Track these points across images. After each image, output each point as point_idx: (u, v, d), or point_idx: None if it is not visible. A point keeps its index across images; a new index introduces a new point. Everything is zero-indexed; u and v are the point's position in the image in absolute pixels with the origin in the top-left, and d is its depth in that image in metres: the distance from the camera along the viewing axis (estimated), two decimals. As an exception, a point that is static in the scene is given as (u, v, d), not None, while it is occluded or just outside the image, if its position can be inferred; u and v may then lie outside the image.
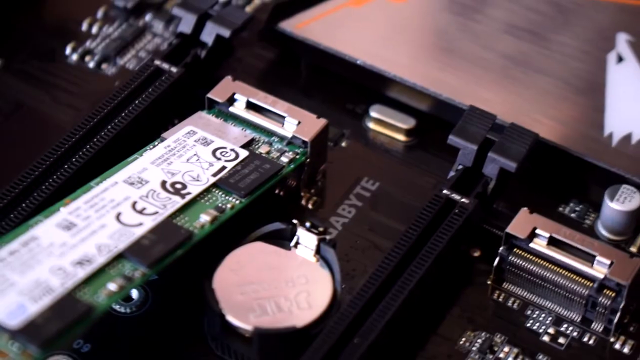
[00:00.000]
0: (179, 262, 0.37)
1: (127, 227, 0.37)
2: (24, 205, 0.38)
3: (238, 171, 0.40)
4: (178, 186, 0.39)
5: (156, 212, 0.38)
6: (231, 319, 0.36)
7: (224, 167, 0.40)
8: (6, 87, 0.45)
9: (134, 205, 0.38)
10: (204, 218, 0.38)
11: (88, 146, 0.40)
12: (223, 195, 0.39)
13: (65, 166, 0.39)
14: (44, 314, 0.34)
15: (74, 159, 0.39)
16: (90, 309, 0.35)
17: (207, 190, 0.39)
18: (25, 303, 0.35)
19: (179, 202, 0.39)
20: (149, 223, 0.38)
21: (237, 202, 0.39)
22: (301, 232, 0.39)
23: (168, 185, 0.39)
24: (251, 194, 0.39)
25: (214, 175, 0.40)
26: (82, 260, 0.36)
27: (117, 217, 0.38)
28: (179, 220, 0.38)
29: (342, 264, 0.39)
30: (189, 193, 0.39)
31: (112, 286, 0.36)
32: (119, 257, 0.37)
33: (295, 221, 0.39)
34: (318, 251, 0.38)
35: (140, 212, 0.38)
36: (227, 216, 0.39)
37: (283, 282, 0.37)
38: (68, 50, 0.46)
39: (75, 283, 0.35)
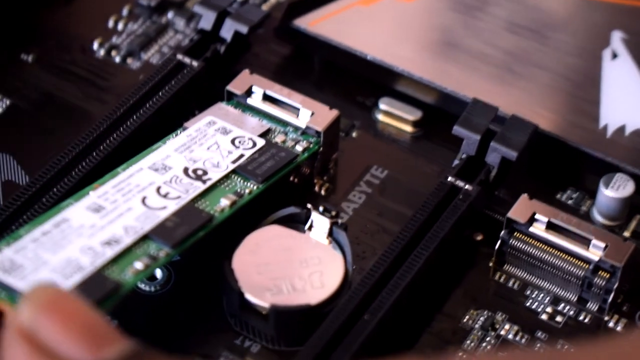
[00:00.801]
0: (200, 243, 0.37)
1: (152, 210, 0.37)
2: (55, 190, 0.38)
3: (255, 159, 0.40)
4: (199, 172, 0.39)
5: (179, 197, 0.38)
6: (249, 297, 0.36)
7: (242, 155, 0.40)
8: (38, 79, 0.45)
9: (158, 189, 0.38)
10: (224, 202, 0.38)
11: (115, 135, 0.40)
12: (241, 181, 0.39)
13: (94, 153, 0.39)
14: (74, 290, 0.34)
15: (101, 147, 0.39)
16: (118, 286, 0.35)
17: (227, 176, 0.39)
18: (57, 280, 0.35)
19: (200, 187, 0.39)
20: (173, 207, 0.38)
21: (255, 187, 0.39)
22: (315, 216, 0.39)
23: (190, 172, 0.39)
24: (267, 180, 0.39)
25: (233, 162, 0.40)
26: (110, 240, 0.36)
27: (143, 200, 0.38)
28: (200, 204, 0.38)
29: (353, 246, 0.39)
30: (209, 179, 0.39)
31: (138, 265, 0.36)
32: (145, 238, 0.37)
33: (309, 206, 0.39)
34: (330, 234, 0.38)
35: (164, 196, 0.38)
36: (245, 201, 0.39)
37: (297, 262, 0.37)
38: (95, 46, 0.46)
39: (104, 262, 0.35)
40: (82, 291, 0.35)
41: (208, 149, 0.39)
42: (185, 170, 0.39)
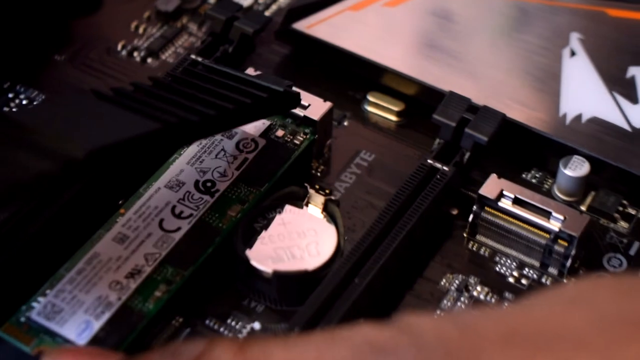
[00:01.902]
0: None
1: (168, 234, 0.37)
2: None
3: (257, 161, 0.39)
4: (208, 184, 0.38)
5: (191, 215, 0.37)
6: (255, 263, 0.36)
7: (246, 159, 0.39)
8: (71, 77, 0.45)
9: (173, 210, 0.38)
10: (230, 213, 0.38)
11: None
12: (245, 187, 0.39)
13: None
14: (105, 327, 0.34)
15: None
16: (142, 316, 0.35)
17: (232, 184, 0.39)
18: (91, 321, 0.34)
19: (209, 200, 0.38)
20: (186, 227, 0.37)
21: (256, 192, 0.38)
22: (311, 194, 0.39)
23: (200, 185, 0.38)
24: (268, 182, 0.39)
25: (237, 168, 0.39)
26: (133, 271, 0.36)
27: (160, 224, 0.37)
28: (209, 218, 0.38)
29: (345, 219, 0.39)
30: (217, 190, 0.38)
31: (158, 293, 0.35)
32: (162, 262, 0.36)
33: (306, 185, 0.39)
34: (325, 209, 0.38)
35: (178, 216, 0.37)
36: (249, 206, 0.38)
37: (296, 234, 0.37)
38: (119, 47, 0.46)
39: (129, 295, 0.35)
40: (112, 328, 0.34)
41: (216, 157, 0.39)
42: (197, 185, 0.38)
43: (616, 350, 0.24)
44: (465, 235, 0.40)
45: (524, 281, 0.38)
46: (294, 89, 0.41)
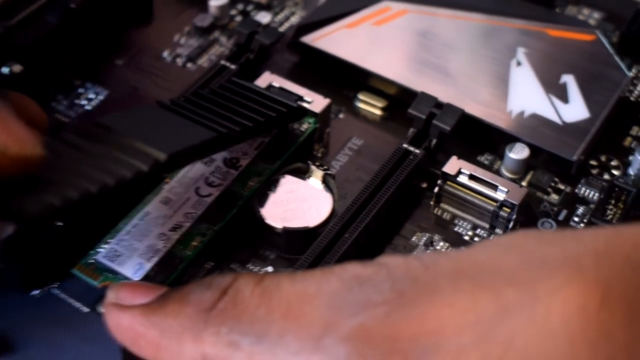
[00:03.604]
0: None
1: (202, 198, 0.37)
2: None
3: (271, 143, 0.39)
4: (234, 161, 0.38)
5: (220, 184, 0.37)
6: (268, 221, 0.37)
7: (263, 142, 0.39)
8: (126, 77, 0.45)
9: (206, 180, 0.38)
10: (250, 183, 0.38)
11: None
12: (262, 163, 0.39)
13: None
14: (154, 268, 0.35)
15: None
16: (181, 260, 0.35)
17: (252, 161, 0.39)
18: (143, 263, 0.35)
19: (234, 173, 0.38)
20: (216, 193, 0.37)
21: (270, 167, 0.38)
22: (313, 169, 0.39)
23: (227, 161, 0.38)
24: (279, 160, 0.39)
25: (256, 149, 0.39)
26: (176, 226, 0.36)
27: (196, 190, 0.37)
28: (234, 187, 0.38)
29: (339, 189, 0.39)
30: (240, 165, 0.38)
31: (194, 242, 0.36)
32: (198, 219, 0.36)
33: (309, 162, 0.39)
34: (323, 181, 0.39)
35: (210, 184, 0.37)
36: (264, 177, 0.38)
37: (300, 199, 0.38)
38: (165, 54, 0.46)
39: (172, 244, 0.35)
40: (159, 268, 0.35)
41: None
42: (224, 161, 0.38)
43: (539, 284, 0.24)
44: (431, 203, 0.40)
45: (476, 239, 0.39)
46: (302, 88, 0.41)
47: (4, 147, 0.27)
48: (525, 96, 0.42)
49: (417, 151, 0.40)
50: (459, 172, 0.39)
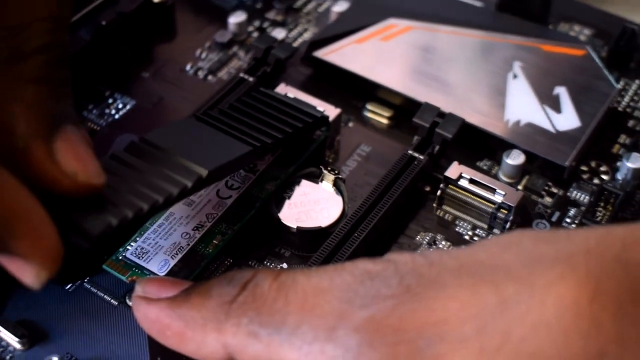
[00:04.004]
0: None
1: (223, 200, 0.37)
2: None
3: (287, 150, 0.39)
4: (252, 165, 0.39)
5: (239, 187, 0.38)
6: (284, 221, 0.37)
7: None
8: (152, 88, 0.45)
9: (226, 183, 0.38)
10: (267, 186, 0.38)
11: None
12: (278, 168, 0.39)
13: None
14: (178, 264, 0.35)
15: None
16: (203, 257, 0.36)
17: (269, 166, 0.39)
18: (168, 259, 0.35)
19: (252, 177, 0.38)
20: (235, 195, 0.37)
21: (286, 171, 0.39)
22: (325, 173, 0.39)
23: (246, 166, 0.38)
24: (294, 165, 0.39)
25: (273, 154, 0.39)
26: (198, 225, 0.36)
27: (217, 193, 0.37)
28: (252, 189, 0.38)
29: (348, 192, 0.39)
30: (258, 170, 0.38)
31: (215, 241, 0.36)
32: (218, 219, 0.37)
33: (321, 167, 0.39)
34: (334, 185, 0.39)
35: (230, 187, 0.38)
36: (280, 181, 0.38)
37: (313, 202, 0.38)
38: (188, 67, 0.47)
39: (195, 242, 0.36)
40: (182, 264, 0.35)
41: None
42: None
43: (535, 279, 0.24)
44: (434, 205, 0.40)
45: (475, 239, 0.39)
46: (314, 98, 0.41)
47: (75, 174, 0.28)
48: (521, 106, 0.43)
49: (421, 157, 0.40)
50: (460, 177, 0.39)
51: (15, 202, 0.26)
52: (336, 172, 0.39)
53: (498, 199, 0.38)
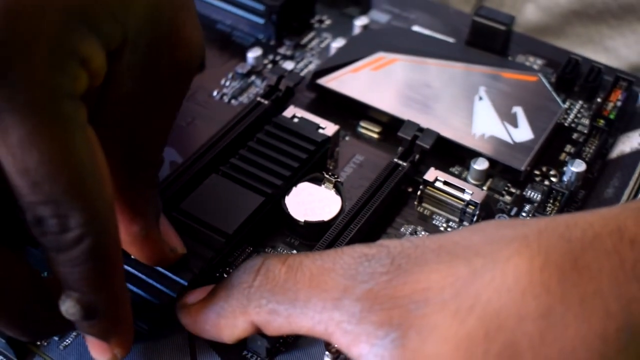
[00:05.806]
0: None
1: None
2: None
3: None
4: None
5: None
6: (294, 216, 0.37)
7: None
8: (186, 110, 0.45)
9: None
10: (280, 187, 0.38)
11: (224, 143, 0.40)
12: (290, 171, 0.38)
13: (208, 154, 0.39)
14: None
15: (214, 151, 0.39)
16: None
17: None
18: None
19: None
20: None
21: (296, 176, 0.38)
22: (326, 178, 0.39)
23: None
24: (302, 168, 0.39)
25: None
26: None
27: None
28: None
29: (346, 193, 0.39)
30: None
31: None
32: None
33: (323, 173, 0.39)
34: (334, 187, 0.38)
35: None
36: (291, 184, 0.38)
37: (317, 200, 0.38)
38: (215, 93, 0.47)
39: None
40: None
41: None
42: None
43: (497, 254, 0.25)
44: (415, 203, 0.40)
45: (449, 230, 0.39)
46: (317, 117, 0.40)
47: (175, 249, 0.31)
48: (486, 122, 0.43)
49: (405, 164, 0.40)
50: (436, 180, 0.39)
51: (122, 302, 0.27)
52: (336, 176, 0.39)
53: (467, 197, 0.38)
